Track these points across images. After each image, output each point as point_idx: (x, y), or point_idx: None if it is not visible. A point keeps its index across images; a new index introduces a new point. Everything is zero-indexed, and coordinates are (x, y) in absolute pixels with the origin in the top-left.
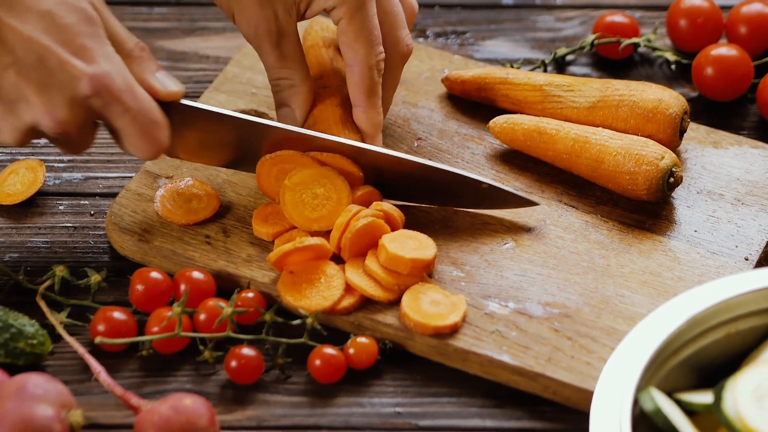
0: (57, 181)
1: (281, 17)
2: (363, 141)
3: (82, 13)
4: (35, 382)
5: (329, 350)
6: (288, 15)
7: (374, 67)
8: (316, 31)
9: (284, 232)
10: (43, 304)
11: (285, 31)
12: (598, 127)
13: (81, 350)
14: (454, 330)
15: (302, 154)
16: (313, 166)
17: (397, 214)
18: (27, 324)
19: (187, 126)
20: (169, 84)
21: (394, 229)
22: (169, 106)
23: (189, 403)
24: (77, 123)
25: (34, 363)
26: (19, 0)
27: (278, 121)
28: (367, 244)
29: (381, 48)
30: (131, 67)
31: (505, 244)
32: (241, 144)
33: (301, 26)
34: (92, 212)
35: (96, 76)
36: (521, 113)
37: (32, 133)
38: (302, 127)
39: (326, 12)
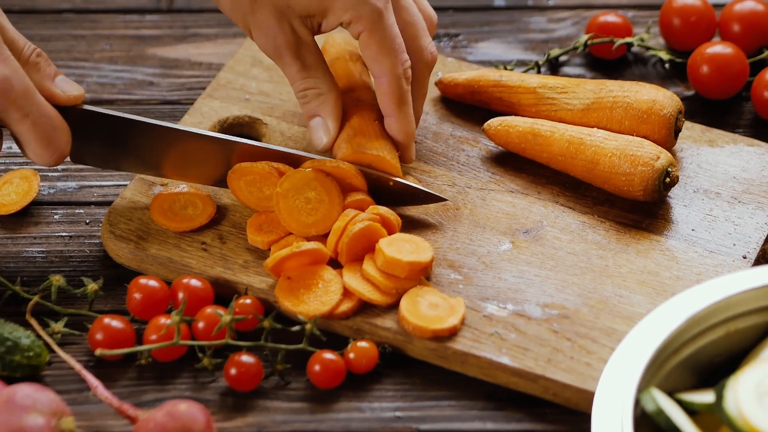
0: (51, 191)
1: (298, 29)
2: (398, 151)
3: None
4: (24, 392)
5: (328, 355)
6: (304, 27)
7: (402, 75)
8: (340, 44)
9: (279, 239)
10: (34, 322)
11: (304, 41)
12: (592, 128)
13: (77, 366)
14: (452, 333)
15: (267, 165)
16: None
17: (394, 218)
18: (23, 336)
19: (91, 130)
20: (68, 88)
21: (390, 232)
22: (70, 111)
23: (184, 409)
24: None
25: (31, 375)
26: None
27: (310, 133)
28: (364, 248)
29: (406, 55)
30: (29, 73)
31: (503, 245)
32: (151, 149)
33: (320, 39)
34: (87, 221)
35: None
36: (516, 116)
37: None
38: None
39: (343, 26)
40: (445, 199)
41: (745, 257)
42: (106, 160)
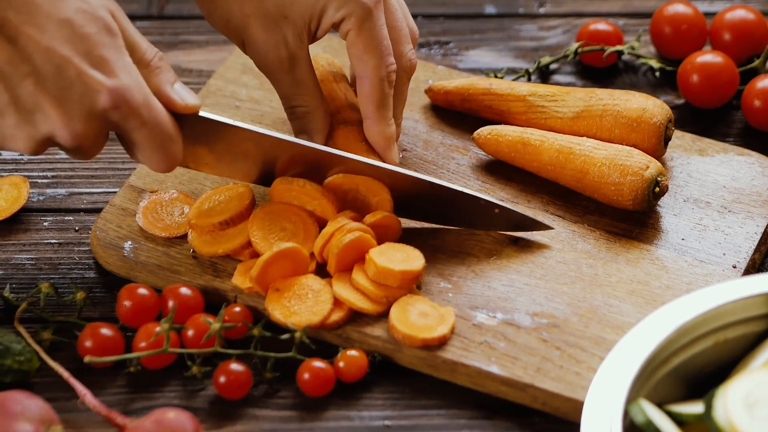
0: (41, 197)
1: (291, 42)
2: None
3: (101, 22)
4: (14, 399)
5: (318, 364)
6: (298, 40)
7: (385, 78)
8: (323, 66)
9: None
10: (22, 329)
11: (296, 56)
12: (582, 136)
13: (65, 374)
14: (442, 342)
15: (293, 208)
16: (299, 213)
17: (396, 224)
18: (14, 341)
19: (204, 138)
20: (187, 97)
21: (392, 238)
22: (185, 117)
23: (172, 417)
24: (93, 135)
25: (21, 380)
26: (38, 7)
27: None
28: (353, 258)
29: (392, 59)
30: (149, 77)
31: (492, 254)
32: (261, 158)
33: None
34: (77, 228)
35: (115, 89)
36: (506, 123)
37: (47, 143)
38: None
39: (334, 28)
40: (550, 227)
41: (735, 267)
42: (219, 167)
